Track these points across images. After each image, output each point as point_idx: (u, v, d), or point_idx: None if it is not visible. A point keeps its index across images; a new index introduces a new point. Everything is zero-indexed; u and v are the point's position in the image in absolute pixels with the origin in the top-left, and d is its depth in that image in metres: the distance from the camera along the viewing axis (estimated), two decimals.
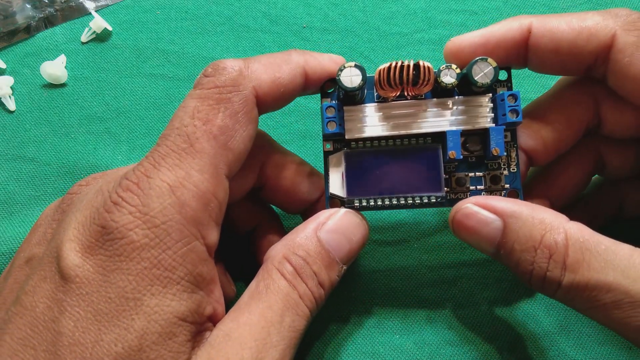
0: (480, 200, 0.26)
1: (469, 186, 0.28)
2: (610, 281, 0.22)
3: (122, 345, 0.21)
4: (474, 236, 0.26)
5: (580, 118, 0.29)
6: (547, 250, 0.23)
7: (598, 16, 0.26)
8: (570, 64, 0.27)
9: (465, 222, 0.26)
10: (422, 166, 0.27)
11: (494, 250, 0.25)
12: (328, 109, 0.27)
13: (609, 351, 0.31)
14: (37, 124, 0.37)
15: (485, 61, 0.26)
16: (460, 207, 0.26)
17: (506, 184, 0.28)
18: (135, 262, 0.21)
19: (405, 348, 0.32)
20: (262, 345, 0.22)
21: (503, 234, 0.24)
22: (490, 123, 0.27)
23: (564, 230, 0.23)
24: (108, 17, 0.40)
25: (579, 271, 0.22)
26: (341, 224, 0.27)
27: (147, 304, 0.21)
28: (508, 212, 0.25)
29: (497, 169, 0.28)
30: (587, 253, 0.23)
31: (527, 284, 0.24)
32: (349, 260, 0.27)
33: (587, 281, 0.22)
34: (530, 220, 0.24)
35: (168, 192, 0.22)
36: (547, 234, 0.23)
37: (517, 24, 0.27)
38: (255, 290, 0.24)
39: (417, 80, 0.25)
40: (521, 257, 0.24)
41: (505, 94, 0.26)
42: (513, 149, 0.28)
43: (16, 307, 0.22)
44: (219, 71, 0.25)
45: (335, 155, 0.28)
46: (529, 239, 0.24)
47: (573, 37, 0.26)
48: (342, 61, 0.28)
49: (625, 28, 0.25)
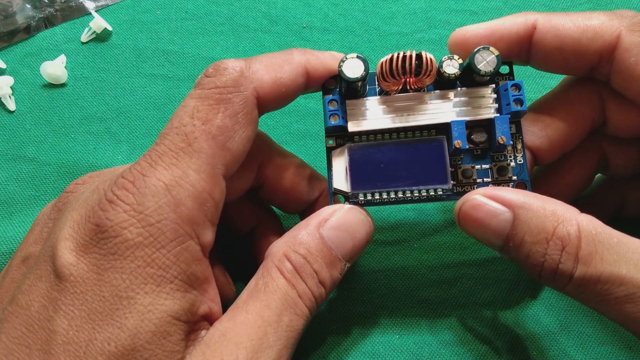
0: (488, 191, 0.25)
1: (475, 178, 0.27)
2: (623, 274, 0.21)
3: (116, 344, 0.21)
4: (481, 228, 0.25)
5: (585, 116, 0.28)
6: (559, 242, 0.23)
7: (604, 16, 0.26)
8: (574, 62, 0.27)
9: (473, 214, 0.25)
10: (427, 158, 0.27)
11: (502, 244, 0.25)
12: (330, 102, 0.27)
13: (609, 351, 0.31)
14: (37, 124, 0.37)
15: (488, 50, 0.26)
16: (467, 198, 0.25)
17: (513, 176, 0.27)
18: (129, 261, 0.21)
19: (405, 348, 0.32)
20: (258, 345, 0.22)
21: (513, 225, 0.24)
22: (494, 113, 0.27)
23: (577, 222, 0.23)
24: (108, 17, 0.40)
25: (591, 264, 0.22)
26: (344, 221, 0.26)
27: (140, 302, 0.21)
28: (518, 203, 0.24)
29: (503, 160, 0.28)
30: (600, 246, 0.22)
31: (537, 278, 0.24)
32: (353, 258, 0.26)
33: (600, 274, 0.22)
34: (542, 211, 0.23)
35: (163, 191, 0.22)
36: (559, 226, 0.23)
37: (522, 19, 0.27)
38: (254, 289, 0.24)
39: (420, 70, 0.25)
40: (532, 249, 0.23)
41: (509, 83, 0.26)
42: (519, 140, 0.28)
43: (12, 306, 0.22)
44: (220, 71, 0.25)
45: (339, 150, 0.28)
46: (541, 230, 0.23)
47: (578, 35, 0.26)
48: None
49: (630, 28, 0.25)
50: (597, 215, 0.31)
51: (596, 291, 0.22)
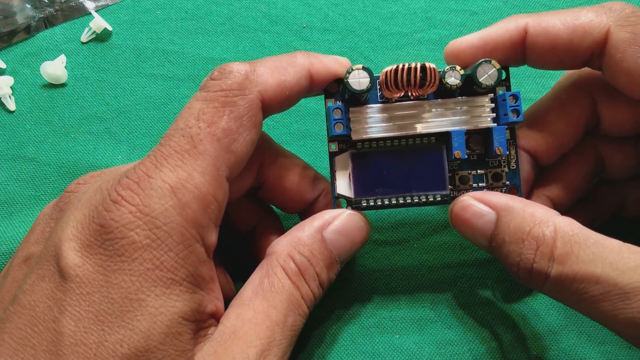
0: (477, 194, 0.27)
1: (471, 184, 0.29)
2: (598, 273, 0.22)
3: (129, 347, 0.21)
4: (468, 228, 0.27)
5: (578, 116, 0.29)
6: (534, 242, 0.24)
7: (592, 12, 0.26)
8: (567, 59, 0.27)
9: (462, 214, 0.27)
10: (427, 165, 0.28)
11: (487, 243, 0.26)
12: (335, 111, 0.27)
13: (609, 350, 0.31)
14: (37, 124, 0.37)
15: (489, 63, 0.27)
16: (458, 200, 0.27)
17: (507, 181, 0.29)
18: (137, 263, 0.22)
19: (405, 348, 0.32)
20: (267, 344, 0.23)
21: (495, 226, 0.25)
22: (491, 123, 0.28)
23: (553, 224, 0.24)
24: (108, 17, 0.40)
25: (567, 263, 0.23)
26: (346, 226, 0.27)
27: (151, 304, 0.21)
28: (502, 205, 0.25)
29: (498, 166, 0.29)
30: (576, 246, 0.23)
31: (516, 277, 0.25)
32: (347, 260, 0.28)
33: (575, 273, 0.23)
34: (521, 213, 0.25)
35: (169, 193, 0.22)
36: (535, 227, 0.24)
37: (513, 25, 0.27)
38: (259, 287, 0.25)
39: (424, 82, 0.26)
40: (510, 249, 0.25)
41: (507, 94, 0.27)
42: (512, 147, 0.29)
43: (14, 306, 0.22)
44: (225, 75, 0.25)
45: (342, 156, 0.28)
46: (518, 230, 0.24)
47: (568, 36, 0.26)
48: (347, 63, 0.28)
49: (618, 24, 0.26)
50: (597, 215, 0.32)
51: (573, 290, 0.23)
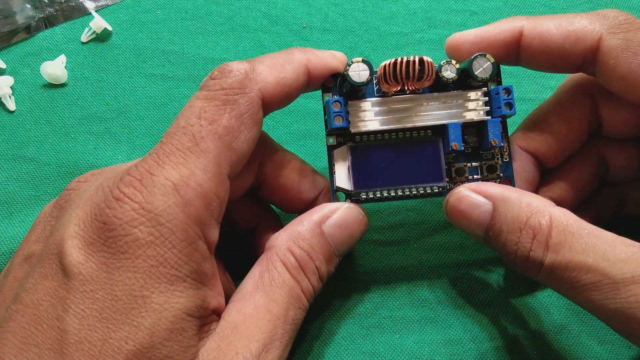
0: (473, 185, 0.27)
1: (467, 175, 0.29)
2: (590, 262, 0.23)
3: (134, 343, 0.21)
4: (465, 219, 0.27)
5: (579, 118, 0.29)
6: (531, 231, 0.24)
7: (586, 19, 0.27)
8: (560, 64, 0.28)
9: (457, 206, 0.27)
10: (424, 158, 0.29)
11: (483, 234, 0.26)
12: (334, 104, 0.28)
13: (609, 350, 0.31)
14: (37, 124, 0.37)
15: (484, 57, 0.27)
16: (453, 192, 0.28)
17: (500, 173, 0.29)
18: (141, 260, 0.22)
19: (405, 348, 0.32)
20: (268, 338, 0.23)
21: (492, 216, 0.26)
22: (485, 116, 0.28)
23: (549, 214, 0.24)
24: (108, 17, 0.40)
25: (560, 252, 0.23)
26: (345, 219, 0.27)
27: (155, 301, 0.22)
28: (498, 195, 0.26)
29: (492, 159, 0.29)
30: (570, 235, 0.24)
31: (512, 265, 0.26)
32: (345, 254, 0.28)
33: (568, 262, 0.23)
34: (518, 203, 0.25)
35: (172, 191, 0.22)
36: (532, 216, 0.25)
37: (509, 26, 0.28)
38: (259, 281, 0.25)
39: (422, 75, 0.26)
40: (507, 238, 0.25)
41: (500, 88, 0.28)
42: (505, 139, 0.29)
43: (17, 304, 0.22)
44: (225, 74, 0.25)
45: (340, 149, 0.29)
46: (515, 220, 0.25)
47: (561, 41, 0.27)
48: (343, 57, 0.28)
49: (611, 31, 0.26)
50: (597, 215, 0.32)
51: (565, 278, 0.23)
